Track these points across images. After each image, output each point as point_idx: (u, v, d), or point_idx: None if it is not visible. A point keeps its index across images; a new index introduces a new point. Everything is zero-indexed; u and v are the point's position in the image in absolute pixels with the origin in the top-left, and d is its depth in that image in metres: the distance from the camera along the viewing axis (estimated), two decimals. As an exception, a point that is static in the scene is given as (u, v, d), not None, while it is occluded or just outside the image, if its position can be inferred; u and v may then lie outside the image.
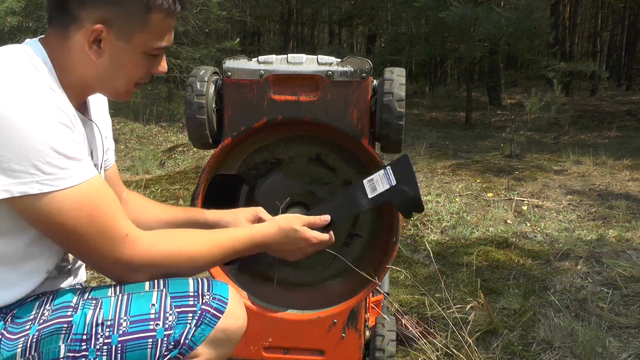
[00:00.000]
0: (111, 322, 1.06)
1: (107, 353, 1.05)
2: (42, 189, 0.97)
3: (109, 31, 1.05)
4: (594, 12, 19.96)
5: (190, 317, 1.09)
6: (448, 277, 2.65)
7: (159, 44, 1.12)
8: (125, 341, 1.06)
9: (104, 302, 1.09)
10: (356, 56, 1.51)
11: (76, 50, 1.07)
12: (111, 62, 1.09)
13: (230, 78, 1.50)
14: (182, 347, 1.08)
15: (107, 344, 1.05)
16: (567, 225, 3.51)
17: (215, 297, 1.12)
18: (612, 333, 2.10)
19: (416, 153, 6.13)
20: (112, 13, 1.05)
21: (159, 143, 6.96)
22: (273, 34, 23.54)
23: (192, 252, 1.17)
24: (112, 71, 1.11)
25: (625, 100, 12.87)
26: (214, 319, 1.10)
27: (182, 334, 1.08)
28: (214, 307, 1.11)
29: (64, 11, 1.05)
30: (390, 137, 1.48)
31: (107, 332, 1.05)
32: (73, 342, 1.04)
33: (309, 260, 1.65)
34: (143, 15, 1.07)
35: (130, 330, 1.06)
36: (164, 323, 1.07)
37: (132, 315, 1.07)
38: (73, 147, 1.00)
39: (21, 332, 1.05)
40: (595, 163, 5.46)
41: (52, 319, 1.06)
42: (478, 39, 9.03)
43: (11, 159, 0.94)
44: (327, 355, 1.55)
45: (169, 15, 1.10)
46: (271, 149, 1.62)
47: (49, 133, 0.96)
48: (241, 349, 1.57)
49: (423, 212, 1.36)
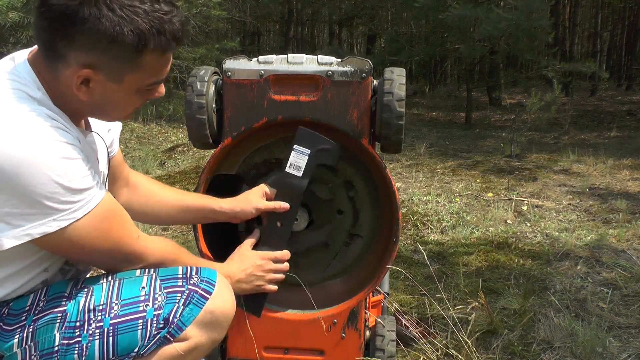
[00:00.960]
0: (103, 307, 1.09)
1: (100, 336, 1.07)
2: (61, 225, 1.00)
3: (98, 73, 1.02)
4: (594, 12, 19.94)
5: (178, 296, 1.11)
6: (448, 277, 2.65)
7: (153, 80, 1.08)
8: (116, 323, 1.08)
9: (95, 289, 1.12)
10: (356, 56, 1.51)
11: (65, 86, 1.04)
12: (102, 100, 1.07)
13: (231, 78, 1.50)
14: (171, 326, 1.10)
15: (100, 327, 1.08)
16: (567, 225, 3.51)
17: (203, 279, 1.16)
18: (612, 333, 2.10)
19: (416, 153, 6.13)
20: (100, 58, 1.01)
21: (159, 143, 6.95)
22: (273, 34, 23.54)
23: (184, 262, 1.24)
24: (105, 107, 1.10)
25: (625, 100, 12.87)
26: (202, 299, 1.13)
27: (171, 312, 1.10)
28: (202, 288, 1.14)
29: (50, 49, 1.01)
30: (390, 137, 1.48)
31: (99, 316, 1.08)
32: (67, 329, 1.07)
33: (309, 260, 1.65)
34: (134, 57, 1.02)
35: (121, 313, 1.09)
36: (153, 303, 1.10)
37: (123, 298, 1.10)
38: (83, 179, 1.01)
39: (17, 323, 1.07)
40: (595, 163, 5.46)
41: (47, 310, 1.08)
42: (478, 39, 9.03)
43: (26, 205, 0.96)
44: (327, 355, 1.56)
45: (163, 54, 1.06)
46: (271, 149, 1.62)
47: (59, 174, 0.97)
48: (241, 349, 1.57)
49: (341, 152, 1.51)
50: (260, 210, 1.47)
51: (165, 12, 1.02)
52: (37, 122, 0.98)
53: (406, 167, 5.33)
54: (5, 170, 0.93)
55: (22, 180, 0.94)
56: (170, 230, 3.39)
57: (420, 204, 3.93)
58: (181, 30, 1.06)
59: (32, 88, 1.02)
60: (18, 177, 0.93)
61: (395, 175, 4.97)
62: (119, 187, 1.42)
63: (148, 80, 1.08)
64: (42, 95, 1.03)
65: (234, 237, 1.66)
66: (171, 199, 1.46)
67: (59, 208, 0.98)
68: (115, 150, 1.38)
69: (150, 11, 1.00)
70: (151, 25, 1.00)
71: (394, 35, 11.24)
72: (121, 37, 0.98)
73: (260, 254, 1.46)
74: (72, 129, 1.05)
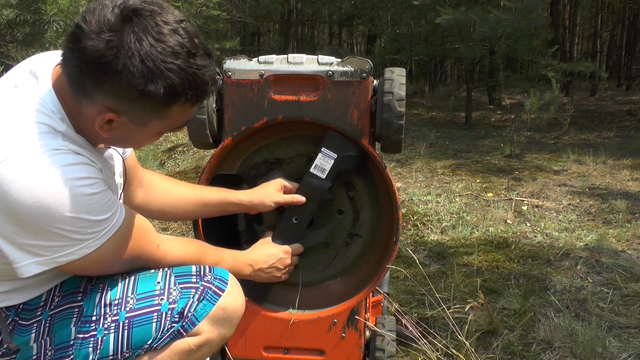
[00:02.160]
0: (119, 301, 1.11)
1: (115, 329, 1.10)
2: (87, 252, 1.01)
3: (122, 117, 1.01)
4: (594, 12, 19.94)
5: (193, 292, 1.14)
6: (448, 277, 2.65)
7: (176, 125, 1.09)
8: (132, 317, 1.10)
9: (110, 284, 1.14)
10: (356, 56, 1.51)
11: (88, 119, 1.03)
12: (123, 137, 1.08)
13: (231, 78, 1.50)
14: (185, 320, 1.12)
15: (115, 321, 1.10)
16: (567, 225, 3.51)
17: (217, 277, 1.19)
18: (612, 333, 2.10)
19: (416, 153, 6.13)
20: (128, 106, 0.99)
21: (159, 143, 6.95)
22: (273, 34, 23.53)
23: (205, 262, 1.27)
24: (124, 142, 1.13)
25: (625, 100, 12.86)
26: (215, 296, 1.15)
27: (186, 306, 1.12)
28: (215, 285, 1.17)
29: (78, 85, 0.99)
30: (390, 137, 1.48)
31: (115, 310, 1.10)
32: (83, 323, 1.09)
33: (309, 260, 1.65)
34: (162, 109, 1.01)
35: (137, 307, 1.11)
36: (168, 297, 1.13)
37: (138, 293, 1.13)
38: (107, 210, 1.02)
39: (33, 318, 1.09)
40: (595, 163, 5.46)
41: (63, 304, 1.10)
42: (477, 40, 9.02)
43: (54, 239, 0.98)
44: (327, 355, 1.56)
45: (192, 106, 1.05)
46: (271, 149, 1.62)
47: (85, 210, 0.98)
48: (241, 349, 1.57)
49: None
50: (279, 204, 1.50)
51: (199, 67, 1.00)
52: (63, 160, 0.97)
53: (406, 167, 5.33)
54: (32, 209, 0.94)
55: (49, 219, 0.95)
56: (170, 231, 3.39)
57: (420, 204, 3.93)
58: (211, 83, 1.04)
59: (56, 120, 1.01)
60: (45, 216, 0.94)
61: (395, 175, 4.97)
62: (135, 188, 1.43)
63: (171, 126, 1.09)
64: (67, 127, 1.02)
65: (234, 236, 1.66)
66: (188, 195, 1.48)
67: (85, 239, 1.00)
68: (129, 151, 1.38)
69: (185, 67, 0.98)
70: (184, 81, 0.98)
71: (394, 35, 11.22)
72: (152, 93, 0.97)
73: (283, 248, 1.51)
74: (94, 158, 1.06)
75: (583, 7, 18.51)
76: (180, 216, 1.53)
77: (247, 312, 1.56)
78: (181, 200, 1.47)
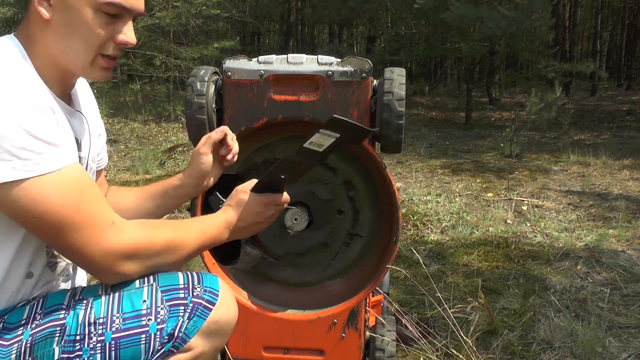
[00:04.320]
0: (104, 320, 1.06)
1: (101, 351, 1.05)
2: (19, 176, 0.93)
3: None
4: (594, 12, 19.95)
5: (182, 310, 1.08)
6: (448, 277, 2.65)
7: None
8: (118, 338, 1.05)
9: (94, 301, 1.08)
10: (356, 56, 1.51)
11: (34, 21, 1.05)
12: (63, 20, 1.05)
13: (231, 78, 1.50)
14: (176, 340, 1.08)
15: (101, 341, 1.05)
16: (567, 225, 3.51)
17: (206, 289, 1.12)
18: (612, 333, 2.10)
19: (416, 153, 6.13)
20: None
21: (159, 143, 6.96)
22: (273, 34, 23.53)
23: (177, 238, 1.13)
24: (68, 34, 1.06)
25: (625, 100, 12.87)
26: (206, 310, 1.10)
27: (175, 327, 1.07)
28: (205, 299, 1.11)
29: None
30: (390, 137, 1.48)
31: (100, 330, 1.05)
32: (67, 343, 1.04)
33: (309, 260, 1.65)
34: None
35: (123, 327, 1.06)
36: (155, 317, 1.07)
37: (124, 312, 1.07)
38: (50, 131, 0.97)
39: (14, 337, 1.04)
40: (595, 163, 5.46)
41: (45, 323, 1.05)
42: (478, 39, 9.03)
43: None
44: (327, 355, 1.55)
45: None
46: (271, 149, 1.62)
47: (22, 116, 0.93)
48: (241, 349, 1.57)
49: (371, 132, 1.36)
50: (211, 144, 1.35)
51: None
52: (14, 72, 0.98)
53: (406, 167, 5.33)
54: None
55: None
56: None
57: (420, 204, 3.93)
58: None
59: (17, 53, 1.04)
60: None
61: (395, 175, 4.97)
62: None
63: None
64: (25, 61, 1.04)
65: None
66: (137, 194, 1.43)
67: (20, 155, 0.93)
68: (105, 162, 1.37)
69: None
70: None
71: (394, 35, 11.23)
72: None
73: (260, 200, 1.28)
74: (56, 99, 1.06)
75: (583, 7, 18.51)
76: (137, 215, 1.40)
77: (247, 312, 1.56)
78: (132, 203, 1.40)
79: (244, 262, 1.62)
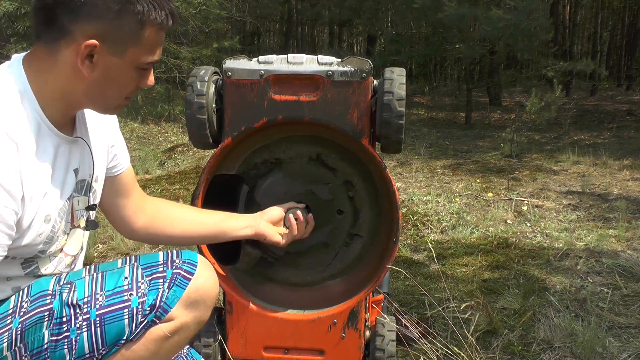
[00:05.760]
0: (88, 299, 1.11)
1: (87, 328, 1.09)
2: None
3: (103, 46, 1.04)
4: (594, 12, 19.94)
5: (161, 282, 1.14)
6: (448, 277, 2.65)
7: (151, 58, 1.12)
8: (103, 314, 1.10)
9: (78, 283, 1.13)
10: (356, 56, 1.51)
11: (65, 66, 1.05)
12: (103, 77, 1.08)
13: (231, 78, 1.49)
14: (157, 310, 1.12)
15: (86, 319, 1.09)
16: (567, 225, 3.51)
17: (185, 261, 1.18)
18: (612, 333, 2.10)
19: (416, 153, 6.13)
20: (106, 28, 1.04)
21: (159, 143, 6.96)
22: (273, 34, 23.53)
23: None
24: (103, 86, 1.10)
25: (625, 100, 12.86)
26: (185, 280, 1.15)
27: (156, 298, 1.12)
28: (184, 270, 1.16)
29: (54, 26, 1.03)
30: (390, 137, 1.48)
31: (85, 309, 1.10)
32: (54, 326, 1.08)
33: (309, 260, 1.65)
34: (137, 30, 1.06)
35: (106, 304, 1.11)
36: (137, 292, 1.12)
37: (107, 290, 1.12)
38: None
39: (4, 327, 1.08)
40: (595, 163, 5.45)
41: (33, 309, 1.09)
42: (477, 39, 9.03)
43: None
44: (327, 355, 1.56)
45: (161, 30, 1.11)
46: (271, 149, 1.62)
47: None
48: (241, 349, 1.57)
49: None
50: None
51: None
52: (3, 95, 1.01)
53: (406, 167, 5.33)
54: None
55: None
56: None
57: (420, 204, 3.93)
58: (175, 10, 1.12)
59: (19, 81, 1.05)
60: None
61: (395, 175, 4.97)
62: (134, 212, 1.40)
63: (146, 56, 1.11)
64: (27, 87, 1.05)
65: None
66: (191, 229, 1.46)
67: None
68: (121, 165, 1.37)
69: None
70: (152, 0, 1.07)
71: (394, 35, 11.23)
72: (128, 7, 1.03)
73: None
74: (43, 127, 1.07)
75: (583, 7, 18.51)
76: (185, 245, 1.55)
77: (247, 312, 1.56)
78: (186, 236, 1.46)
79: (244, 262, 1.62)
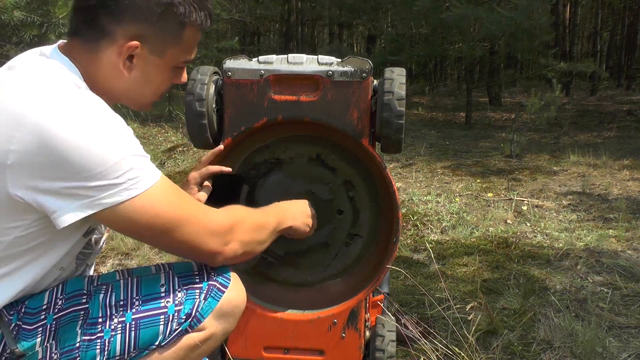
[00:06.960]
0: (124, 302, 1.12)
1: (122, 331, 1.10)
2: (132, 195, 0.99)
3: (143, 47, 1.07)
4: (594, 12, 19.94)
5: (197, 292, 1.16)
6: (448, 277, 2.65)
7: (187, 57, 1.16)
8: (138, 318, 1.11)
9: (114, 285, 1.14)
10: (356, 56, 1.51)
11: (106, 64, 1.08)
12: (142, 76, 1.12)
13: (231, 78, 1.50)
14: (192, 320, 1.14)
15: (122, 322, 1.10)
16: (567, 225, 3.51)
17: (220, 273, 1.20)
18: (612, 333, 2.10)
19: (416, 153, 6.13)
20: (149, 30, 1.07)
21: (159, 143, 6.95)
22: (273, 34, 23.53)
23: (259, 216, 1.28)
24: (142, 85, 1.14)
25: (625, 100, 12.85)
26: (219, 292, 1.17)
27: (192, 307, 1.14)
28: (219, 282, 1.18)
29: (95, 26, 1.05)
30: (390, 136, 1.48)
31: (121, 311, 1.11)
32: (89, 326, 1.09)
33: (309, 260, 1.65)
34: (178, 31, 1.10)
35: (143, 309, 1.12)
36: (174, 299, 1.14)
37: (143, 295, 1.13)
38: (139, 146, 1.03)
39: (37, 322, 1.08)
40: (595, 163, 5.45)
41: (68, 307, 1.10)
42: (478, 39, 9.03)
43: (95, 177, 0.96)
44: (327, 355, 1.56)
45: (200, 30, 1.15)
46: (271, 149, 1.62)
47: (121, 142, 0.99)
48: (241, 349, 1.57)
49: None
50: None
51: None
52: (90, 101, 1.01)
53: (406, 167, 5.33)
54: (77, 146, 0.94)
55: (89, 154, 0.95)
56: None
57: (420, 204, 3.93)
58: (212, 10, 1.16)
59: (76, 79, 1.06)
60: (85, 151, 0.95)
61: (395, 175, 4.97)
62: None
63: (184, 56, 1.15)
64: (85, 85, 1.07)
65: None
66: None
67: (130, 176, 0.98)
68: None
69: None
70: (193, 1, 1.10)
71: (394, 35, 11.22)
72: (170, 9, 1.06)
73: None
74: None
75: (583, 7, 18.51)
76: None
77: (247, 312, 1.56)
78: None
79: (244, 262, 1.62)
